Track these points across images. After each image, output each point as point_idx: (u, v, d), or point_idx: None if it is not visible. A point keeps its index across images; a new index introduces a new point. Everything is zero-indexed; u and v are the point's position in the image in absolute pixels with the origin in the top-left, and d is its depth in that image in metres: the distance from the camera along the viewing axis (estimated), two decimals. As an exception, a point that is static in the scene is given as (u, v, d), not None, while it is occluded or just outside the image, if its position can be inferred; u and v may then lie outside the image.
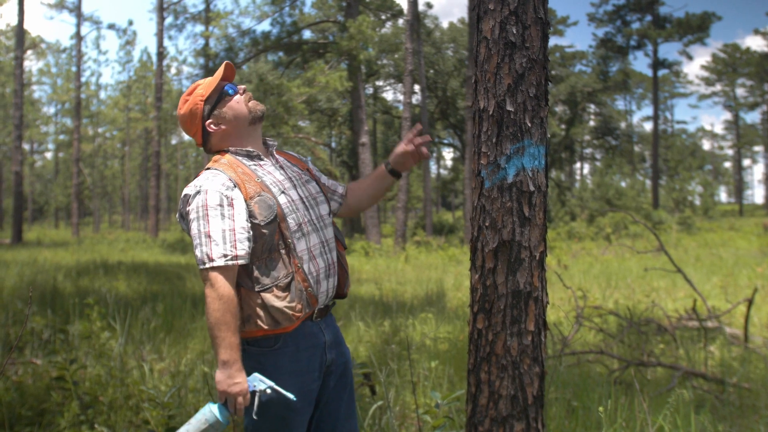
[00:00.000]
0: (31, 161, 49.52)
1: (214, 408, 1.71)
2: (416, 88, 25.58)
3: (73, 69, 35.59)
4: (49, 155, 56.39)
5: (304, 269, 1.82)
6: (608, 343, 5.18)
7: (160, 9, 26.43)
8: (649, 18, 37.38)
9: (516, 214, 1.70)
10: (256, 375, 1.76)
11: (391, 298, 7.90)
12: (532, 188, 1.70)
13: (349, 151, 28.10)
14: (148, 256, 15.72)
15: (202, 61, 25.38)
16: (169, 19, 27.23)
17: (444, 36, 31.92)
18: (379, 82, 34.66)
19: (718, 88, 53.67)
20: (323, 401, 1.94)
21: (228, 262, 1.72)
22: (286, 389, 1.77)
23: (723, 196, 77.23)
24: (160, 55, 26.79)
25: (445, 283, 9.58)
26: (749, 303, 5.16)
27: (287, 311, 1.77)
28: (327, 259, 1.91)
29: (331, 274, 1.91)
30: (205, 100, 1.92)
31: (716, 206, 38.48)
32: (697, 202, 35.90)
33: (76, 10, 30.75)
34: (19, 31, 21.98)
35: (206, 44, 23.93)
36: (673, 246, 17.56)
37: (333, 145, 34.50)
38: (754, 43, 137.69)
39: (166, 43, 76.91)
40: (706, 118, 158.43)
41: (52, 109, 50.60)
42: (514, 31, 1.70)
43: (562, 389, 3.75)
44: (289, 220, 1.83)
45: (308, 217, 1.89)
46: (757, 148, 64.45)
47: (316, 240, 1.89)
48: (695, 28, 36.06)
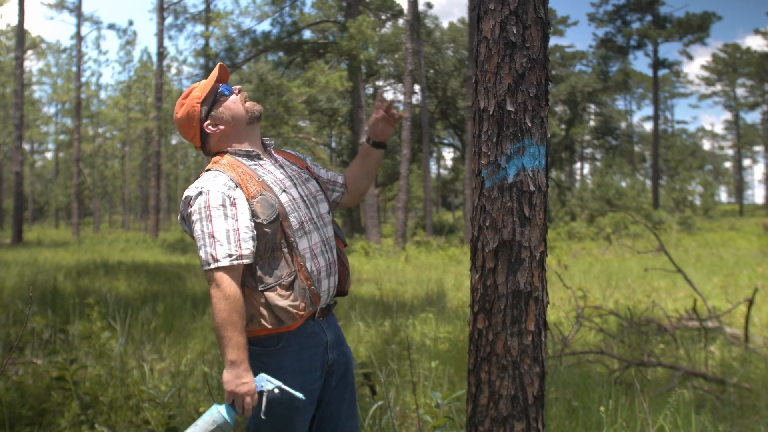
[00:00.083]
0: (31, 161, 49.52)
1: (222, 409, 1.71)
2: (416, 88, 25.58)
3: (74, 69, 35.61)
4: (49, 155, 56.46)
5: (306, 267, 1.82)
6: (608, 343, 5.17)
7: (161, 9, 26.44)
8: (649, 18, 37.38)
9: (516, 214, 1.70)
10: (263, 375, 1.75)
11: (391, 298, 7.90)
12: (532, 188, 1.70)
13: (350, 151, 28.10)
14: (149, 256, 15.73)
15: (202, 61, 25.39)
16: (169, 19, 27.26)
17: (444, 36, 31.91)
18: (380, 82, 34.65)
19: (719, 88, 53.69)
20: (325, 401, 1.94)
21: (233, 262, 1.72)
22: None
23: (723, 196, 77.30)
24: (161, 55, 26.80)
25: (446, 283, 9.58)
26: (749, 303, 5.15)
27: (291, 310, 1.77)
28: (328, 258, 1.91)
29: (332, 273, 1.92)
30: (202, 101, 1.93)
31: (716, 206, 38.48)
32: (698, 202, 35.90)
33: (77, 10, 30.77)
34: (20, 31, 21.99)
35: (206, 44, 23.94)
36: (673, 246, 17.56)
37: (333, 145, 34.50)
38: (755, 43, 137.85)
39: (166, 43, 76.98)
40: (706, 118, 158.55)
41: (52, 109, 50.67)
42: (515, 31, 1.70)
43: (563, 389, 3.75)
44: (291, 218, 1.83)
45: (309, 216, 1.89)
46: (758, 148, 64.47)
47: (317, 238, 1.89)
48: (695, 28, 36.05)
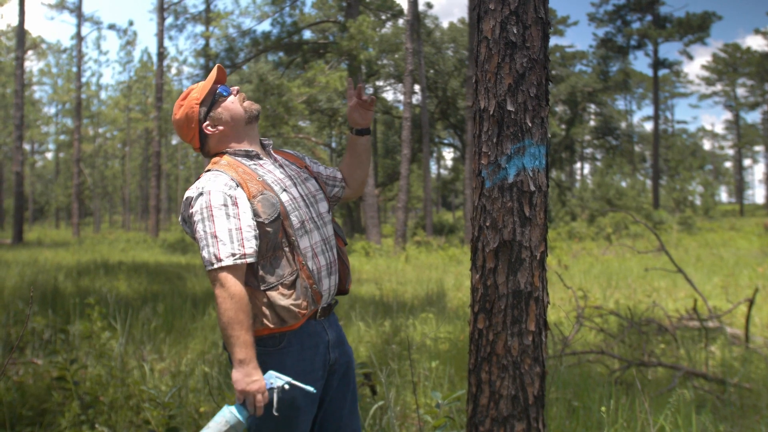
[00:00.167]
0: (31, 161, 49.54)
1: (233, 409, 1.70)
2: (416, 88, 25.58)
3: (74, 69, 35.62)
4: (49, 155, 56.49)
5: (308, 266, 1.82)
6: (609, 343, 5.17)
7: (161, 9, 26.44)
8: (649, 18, 37.38)
9: (517, 214, 1.70)
10: (272, 372, 1.76)
11: (391, 298, 7.90)
12: (532, 188, 1.70)
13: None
14: (149, 257, 15.73)
15: (202, 61, 25.41)
16: (169, 20, 27.26)
17: (444, 36, 31.90)
18: (380, 82, 34.67)
19: (719, 87, 53.67)
20: (327, 400, 1.94)
21: (237, 261, 1.72)
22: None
23: (723, 196, 77.22)
24: (161, 55, 26.80)
25: (446, 283, 9.57)
26: (750, 303, 5.15)
27: (293, 309, 1.77)
28: (328, 257, 1.91)
29: (332, 272, 1.92)
30: (201, 102, 1.93)
31: (717, 206, 38.46)
32: (698, 202, 35.90)
33: (77, 11, 30.78)
34: (20, 32, 22.00)
35: (206, 44, 23.94)
36: (673, 246, 17.55)
37: (333, 145, 34.50)
38: (755, 43, 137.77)
39: (166, 43, 77.02)
40: (706, 118, 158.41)
41: (52, 110, 50.70)
42: (515, 31, 1.70)
43: (563, 389, 3.74)
44: (291, 217, 1.83)
45: (309, 215, 1.90)
46: (758, 148, 64.46)
47: (318, 237, 1.89)
48: (696, 28, 36.05)
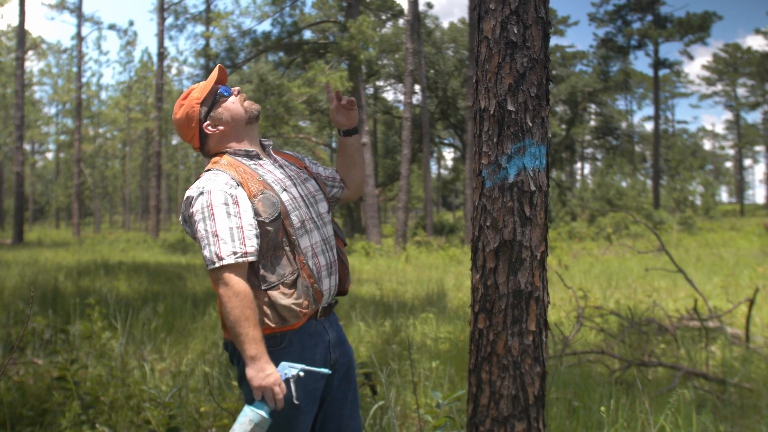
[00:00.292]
0: (32, 162, 49.55)
1: (254, 407, 1.71)
2: (417, 88, 25.57)
3: (74, 69, 35.64)
4: (50, 155, 56.51)
5: (308, 265, 1.83)
6: (609, 343, 5.17)
7: (161, 9, 26.45)
8: (649, 18, 37.36)
9: (517, 213, 1.70)
10: (284, 363, 1.76)
11: (391, 298, 7.90)
12: (533, 188, 1.70)
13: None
14: (149, 257, 15.73)
15: (202, 61, 25.41)
16: (169, 20, 27.26)
17: (444, 36, 31.91)
18: (380, 83, 34.66)
19: (719, 87, 53.65)
20: (327, 400, 1.94)
21: (238, 260, 1.72)
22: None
23: (724, 196, 77.20)
24: (161, 55, 26.81)
25: (446, 283, 9.57)
26: (750, 303, 5.15)
27: (294, 308, 1.78)
28: (328, 257, 1.92)
29: (332, 272, 1.93)
30: (201, 102, 1.94)
31: (717, 206, 38.44)
32: (698, 202, 35.89)
33: (77, 11, 30.80)
34: (20, 32, 22.00)
35: (207, 45, 23.94)
36: (674, 246, 17.55)
37: (333, 145, 34.51)
38: (755, 43, 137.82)
39: (166, 43, 77.03)
40: (707, 118, 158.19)
41: (53, 110, 50.71)
42: (515, 31, 1.70)
43: (563, 389, 3.74)
44: (292, 217, 1.84)
45: (309, 215, 1.90)
46: (758, 148, 64.45)
47: (318, 237, 1.89)
48: (696, 28, 36.03)
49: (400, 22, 28.19)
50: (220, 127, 1.94)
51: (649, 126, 59.60)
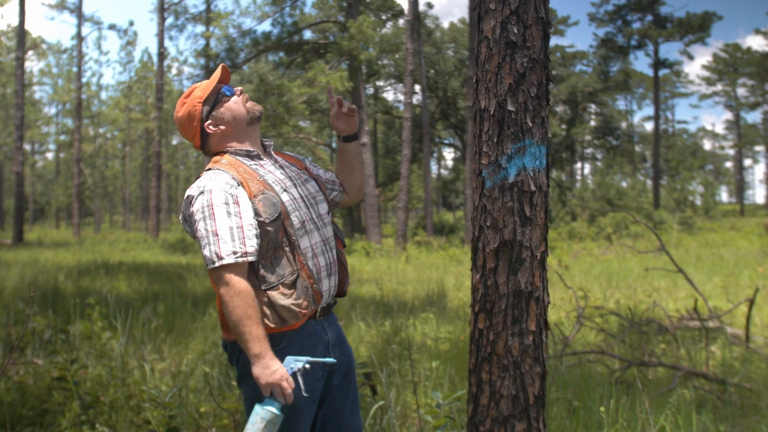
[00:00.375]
0: (32, 162, 49.55)
1: (264, 405, 1.71)
2: (417, 88, 25.56)
3: (74, 69, 35.65)
4: (50, 156, 56.50)
5: (308, 266, 1.83)
6: (609, 343, 5.17)
7: (161, 9, 26.45)
8: (649, 18, 37.37)
9: (517, 213, 1.70)
10: (289, 357, 1.77)
11: (391, 298, 7.90)
12: (533, 188, 1.70)
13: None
14: (149, 257, 15.73)
15: (202, 61, 25.40)
16: (169, 20, 27.27)
17: (444, 36, 31.90)
18: (380, 83, 34.66)
19: (719, 87, 53.64)
20: (327, 400, 1.95)
21: (238, 259, 1.72)
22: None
23: (724, 196, 77.20)
24: (161, 55, 26.81)
25: (446, 283, 9.57)
26: (750, 303, 5.15)
27: (294, 308, 1.78)
28: (328, 258, 1.92)
29: (332, 273, 1.93)
30: (203, 101, 1.94)
31: (717, 206, 38.43)
32: (698, 202, 35.88)
33: (77, 11, 30.81)
34: (20, 32, 22.01)
35: (207, 45, 23.93)
36: (674, 246, 17.55)
37: (334, 145, 34.50)
38: (755, 43, 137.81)
39: (166, 43, 77.01)
40: (707, 118, 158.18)
41: (53, 110, 50.70)
42: (515, 31, 1.70)
43: (564, 389, 3.74)
44: (292, 217, 1.84)
45: (309, 216, 1.90)
46: (758, 148, 64.44)
47: (318, 238, 1.90)
48: (696, 28, 36.04)
49: (400, 22, 28.19)
50: (222, 127, 1.94)
51: (649, 126, 59.63)
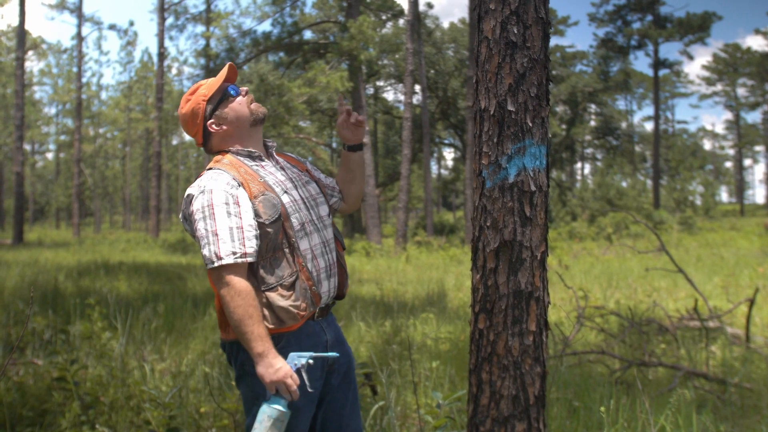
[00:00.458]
0: (32, 162, 49.55)
1: (270, 404, 1.71)
2: (417, 88, 25.57)
3: (74, 69, 35.65)
4: (50, 156, 56.50)
5: (307, 268, 1.82)
6: (609, 343, 5.17)
7: (161, 10, 26.45)
8: (649, 18, 37.37)
9: (517, 214, 1.70)
10: (292, 354, 1.77)
11: (392, 298, 7.90)
12: (533, 188, 1.70)
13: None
14: (149, 257, 15.73)
15: (203, 61, 25.39)
16: (169, 20, 27.28)
17: (445, 36, 31.91)
18: (380, 83, 34.66)
19: (719, 87, 53.65)
20: (327, 400, 1.95)
21: (237, 260, 1.72)
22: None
23: (724, 196, 77.19)
24: (161, 55, 26.81)
25: (446, 283, 9.57)
26: (751, 303, 5.15)
27: (292, 310, 1.78)
28: (328, 259, 1.92)
29: (332, 274, 1.93)
30: (208, 100, 1.93)
31: (717, 206, 38.43)
32: (698, 202, 35.87)
33: (77, 11, 30.82)
34: (20, 32, 22.01)
35: (207, 45, 23.93)
36: (674, 246, 17.54)
37: (334, 145, 34.51)
38: (755, 43, 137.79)
39: (167, 43, 76.95)
40: (707, 118, 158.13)
41: (53, 110, 50.72)
42: (515, 31, 1.70)
43: (564, 389, 3.74)
44: (292, 219, 1.84)
45: (310, 217, 1.90)
46: (758, 148, 64.44)
47: (318, 240, 1.89)
48: (696, 28, 36.04)
49: (401, 22, 28.20)
50: (224, 127, 1.94)
51: (649, 126, 59.63)
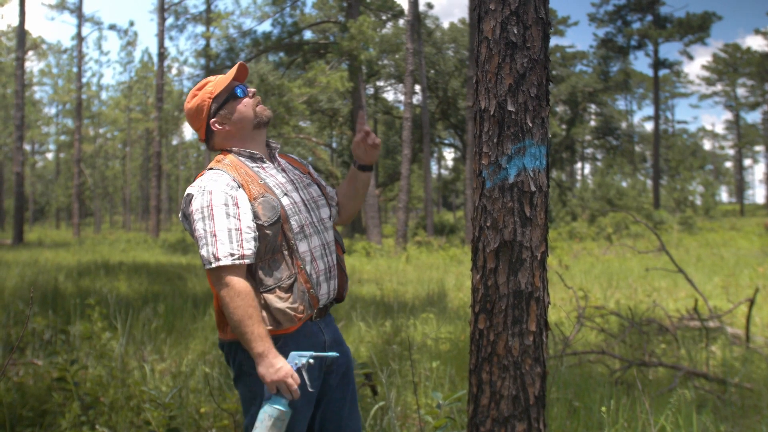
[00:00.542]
0: (32, 162, 49.55)
1: (271, 404, 1.71)
2: (417, 88, 25.58)
3: (74, 70, 35.66)
4: (50, 156, 56.49)
5: (306, 270, 1.82)
6: (610, 343, 5.17)
7: (161, 10, 26.45)
8: (649, 18, 37.38)
9: (517, 214, 1.70)
10: (293, 353, 1.77)
11: (392, 298, 7.90)
12: (533, 188, 1.70)
13: (350, 152, 28.09)
14: (149, 257, 15.73)
15: (203, 61, 25.38)
16: (170, 20, 27.29)
17: (445, 36, 31.90)
18: (380, 83, 34.67)
19: (719, 87, 53.66)
20: (325, 400, 1.95)
21: (235, 261, 1.72)
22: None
23: (724, 196, 77.20)
24: (161, 55, 26.81)
25: (447, 283, 9.57)
26: (751, 303, 5.14)
27: (289, 312, 1.78)
28: (327, 262, 1.92)
29: (331, 277, 1.93)
30: (214, 98, 1.93)
31: (717, 206, 38.43)
32: (698, 202, 35.88)
33: (77, 11, 30.82)
34: (21, 32, 22.00)
35: (207, 45, 23.93)
36: (674, 246, 17.54)
37: (334, 145, 34.52)
38: (755, 43, 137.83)
39: (167, 43, 76.91)
40: (707, 118, 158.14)
41: (53, 110, 50.72)
42: (515, 32, 1.70)
43: (564, 389, 3.74)
44: (291, 221, 1.83)
45: (310, 220, 1.90)
46: (758, 148, 64.44)
47: (318, 242, 1.89)
48: (696, 28, 36.04)
49: (401, 22, 28.21)
50: (227, 127, 1.93)
51: (649, 126, 59.65)
